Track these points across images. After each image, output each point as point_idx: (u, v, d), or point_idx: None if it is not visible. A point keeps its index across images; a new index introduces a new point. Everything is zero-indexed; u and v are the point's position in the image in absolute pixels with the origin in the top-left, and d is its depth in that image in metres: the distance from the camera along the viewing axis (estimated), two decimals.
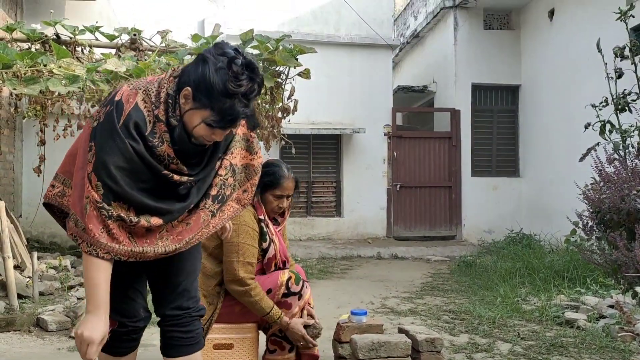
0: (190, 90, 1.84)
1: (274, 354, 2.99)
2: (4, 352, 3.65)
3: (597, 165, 3.40)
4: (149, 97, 1.89)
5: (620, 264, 2.85)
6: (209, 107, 1.83)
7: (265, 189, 2.90)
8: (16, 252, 5.49)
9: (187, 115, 1.87)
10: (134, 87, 1.91)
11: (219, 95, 1.81)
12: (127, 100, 1.87)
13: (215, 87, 1.80)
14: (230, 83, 1.80)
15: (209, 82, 1.80)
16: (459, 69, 10.85)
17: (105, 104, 1.91)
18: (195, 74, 1.84)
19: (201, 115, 1.85)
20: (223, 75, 1.80)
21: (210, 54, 1.85)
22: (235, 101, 1.82)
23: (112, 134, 1.83)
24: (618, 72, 4.87)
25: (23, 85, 4.50)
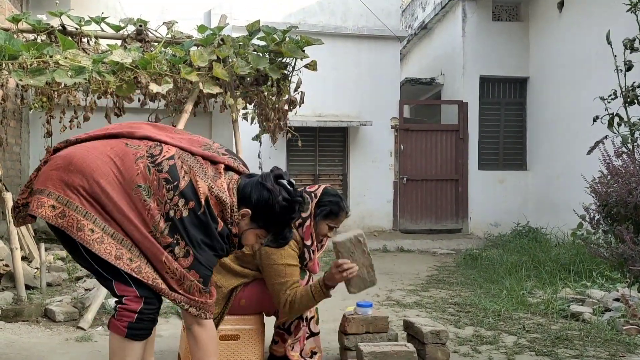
0: (250, 212, 2.18)
1: (278, 345, 3.03)
2: (12, 342, 3.68)
3: (604, 158, 3.37)
4: (226, 215, 2.16)
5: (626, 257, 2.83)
6: (264, 229, 2.24)
7: (325, 217, 2.91)
8: (24, 244, 5.53)
9: (245, 232, 2.24)
10: (217, 199, 2.14)
11: (277, 222, 2.23)
12: (215, 208, 2.13)
13: (276, 217, 2.20)
14: (288, 215, 2.22)
15: (271, 210, 2.18)
16: (467, 61, 10.79)
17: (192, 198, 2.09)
18: (259, 200, 2.18)
19: (257, 234, 2.26)
20: (283, 208, 2.19)
21: (271, 184, 2.20)
22: (287, 229, 2.27)
23: (213, 238, 2.12)
24: (628, 65, 4.82)
25: (29, 77, 4.51)
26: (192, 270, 2.08)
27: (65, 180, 2.09)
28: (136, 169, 2.09)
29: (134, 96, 5.97)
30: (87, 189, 2.07)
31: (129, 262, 2.06)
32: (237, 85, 5.92)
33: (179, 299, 2.11)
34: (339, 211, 2.92)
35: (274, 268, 2.78)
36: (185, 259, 2.07)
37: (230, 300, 2.89)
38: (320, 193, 2.94)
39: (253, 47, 5.76)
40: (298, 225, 2.89)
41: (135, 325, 2.13)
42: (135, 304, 2.12)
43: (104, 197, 2.07)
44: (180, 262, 2.07)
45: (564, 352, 3.60)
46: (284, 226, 2.25)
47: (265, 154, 9.00)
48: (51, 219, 2.06)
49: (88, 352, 3.51)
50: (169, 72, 5.18)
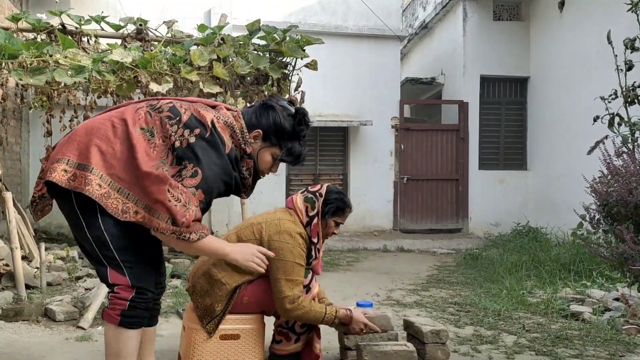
0: (261, 132, 2.36)
1: (279, 344, 3.02)
2: (12, 341, 3.68)
3: (605, 158, 3.37)
4: (236, 135, 2.31)
5: (626, 257, 2.83)
6: (277, 145, 2.39)
7: (332, 215, 3.00)
8: (24, 243, 5.53)
9: (260, 152, 2.40)
10: (225, 123, 2.30)
11: (288, 136, 2.39)
12: (223, 132, 2.27)
13: (286, 131, 2.38)
14: (296, 127, 2.40)
15: (281, 126, 2.37)
16: (467, 60, 10.78)
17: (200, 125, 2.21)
18: (266, 118, 2.37)
19: (272, 152, 2.40)
20: (290, 122, 2.39)
21: (275, 103, 2.41)
22: (297, 142, 2.42)
23: (222, 159, 2.23)
24: (628, 64, 4.82)
25: (29, 76, 4.51)
26: (199, 190, 2.14)
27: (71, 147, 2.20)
28: (137, 116, 2.22)
29: (134, 95, 5.97)
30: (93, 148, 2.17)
31: (134, 214, 2.13)
32: (238, 85, 5.93)
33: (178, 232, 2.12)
34: (344, 207, 3.03)
35: (283, 263, 2.78)
36: (193, 178, 2.13)
37: (234, 298, 2.89)
38: (325, 191, 3.01)
39: (253, 47, 5.76)
40: (305, 224, 2.93)
41: (127, 313, 2.20)
42: (126, 293, 2.19)
43: (109, 149, 2.17)
44: (187, 182, 2.13)
45: (564, 352, 3.60)
46: (296, 139, 2.40)
47: None
48: (64, 182, 2.14)
49: (88, 351, 3.51)
50: (169, 72, 5.18)
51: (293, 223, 2.90)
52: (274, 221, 2.90)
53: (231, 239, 2.94)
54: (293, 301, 2.78)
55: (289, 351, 3.01)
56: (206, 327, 2.81)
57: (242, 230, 2.95)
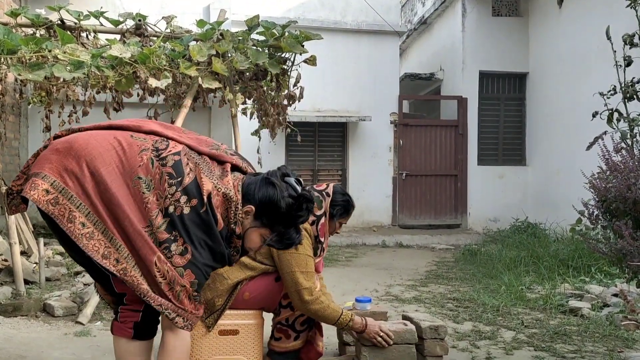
0: (253, 209, 2.08)
1: (279, 341, 3.00)
2: (11, 337, 3.69)
3: (604, 154, 3.37)
4: (230, 210, 2.06)
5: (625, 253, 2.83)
6: (269, 227, 2.11)
7: (340, 216, 3.04)
8: (23, 238, 5.52)
9: (248, 231, 2.12)
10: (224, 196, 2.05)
11: (282, 220, 2.10)
12: (217, 207, 2.03)
13: (281, 214, 2.08)
14: (294, 213, 2.09)
15: (276, 207, 2.06)
16: (466, 56, 10.77)
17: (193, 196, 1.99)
18: (263, 196, 2.08)
19: (261, 233, 2.13)
20: (289, 205, 2.07)
21: (277, 180, 2.10)
22: (292, 228, 2.13)
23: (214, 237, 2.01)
24: (627, 60, 4.81)
25: (28, 71, 4.49)
26: (188, 270, 1.95)
27: (64, 164, 1.98)
28: (139, 160, 1.99)
29: (132, 91, 5.95)
30: (86, 177, 1.96)
31: (115, 262, 1.93)
32: (236, 80, 5.91)
33: (165, 305, 1.94)
34: (350, 208, 3.08)
35: (295, 256, 2.78)
36: (182, 256, 1.94)
37: (234, 293, 2.88)
38: (332, 192, 3.04)
39: (252, 42, 5.74)
40: (312, 222, 2.94)
41: (141, 325, 2.09)
42: (138, 304, 2.05)
43: (102, 187, 1.95)
44: (176, 260, 1.93)
45: (563, 347, 3.61)
46: (290, 225, 2.12)
47: (264, 149, 8.98)
48: (42, 204, 1.92)
49: (87, 346, 3.51)
50: (168, 67, 5.17)
51: None
52: None
53: None
54: (312, 293, 2.77)
55: (288, 348, 3.00)
56: (205, 322, 2.81)
57: None
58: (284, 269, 2.81)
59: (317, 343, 3.06)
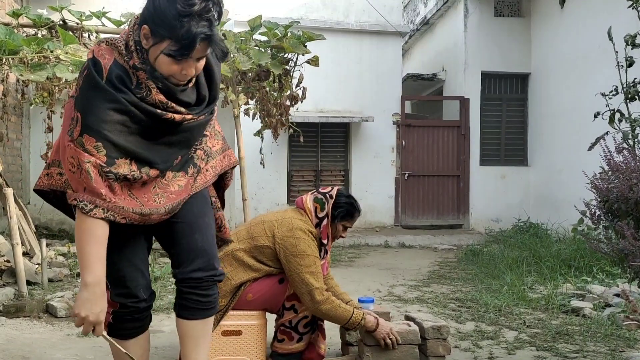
0: (148, 28, 1.78)
1: (282, 343, 3.00)
2: (14, 338, 3.69)
3: (605, 154, 3.37)
4: (121, 50, 1.84)
5: (627, 253, 2.83)
6: (166, 37, 1.76)
7: (342, 219, 3.03)
8: (25, 239, 5.53)
9: (150, 53, 1.81)
10: (106, 43, 1.87)
11: (174, 20, 1.73)
12: (102, 57, 1.84)
13: (167, 14, 1.73)
14: (180, 4, 1.72)
15: (160, 11, 1.75)
16: (468, 56, 10.77)
17: (82, 71, 1.88)
18: (148, 8, 1.79)
19: (162, 49, 1.78)
20: (173, 0, 1.73)
21: None
22: (191, 24, 1.73)
23: (98, 90, 1.79)
24: (629, 61, 4.81)
25: (30, 72, 4.50)
26: (85, 135, 1.78)
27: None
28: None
29: None
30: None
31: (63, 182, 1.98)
32: (239, 81, 5.92)
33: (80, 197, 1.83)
34: (354, 212, 3.06)
35: (304, 258, 2.80)
36: (77, 126, 1.80)
37: (237, 294, 2.89)
38: (335, 194, 3.04)
39: (255, 43, 5.76)
40: (315, 225, 2.97)
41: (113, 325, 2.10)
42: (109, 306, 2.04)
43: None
44: (75, 133, 1.80)
45: (565, 347, 3.61)
46: (184, 20, 1.73)
47: (267, 150, 8.99)
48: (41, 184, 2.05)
49: (89, 347, 3.52)
50: None
51: (304, 222, 2.94)
52: (285, 219, 2.92)
53: (241, 235, 2.97)
54: (323, 292, 2.79)
55: (291, 350, 3.00)
56: None
57: (253, 227, 2.98)
58: (292, 270, 2.81)
59: (319, 345, 3.07)
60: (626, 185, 2.97)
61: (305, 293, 2.79)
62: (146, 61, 1.83)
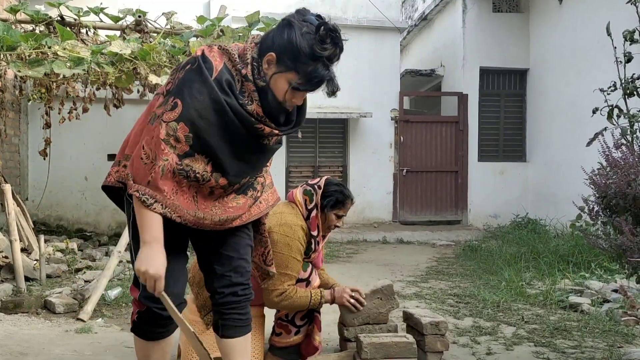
0: (275, 56, 1.92)
1: (279, 336, 3.03)
2: (12, 333, 3.69)
3: (604, 150, 3.37)
4: (234, 58, 1.97)
5: (625, 248, 2.83)
6: (294, 70, 1.92)
7: (332, 208, 3.00)
8: (23, 235, 5.53)
9: (273, 79, 1.95)
10: (219, 47, 1.99)
11: (305, 58, 1.90)
12: (213, 58, 1.95)
13: (302, 51, 1.89)
14: (316, 46, 1.89)
15: (295, 45, 1.89)
16: (467, 52, 10.76)
17: (185, 64, 1.97)
18: (281, 38, 1.92)
19: (287, 78, 1.94)
20: (309, 40, 1.89)
21: (295, 19, 1.94)
22: (319, 64, 1.93)
23: (206, 85, 1.89)
24: (627, 56, 4.80)
25: (27, 68, 4.49)
26: (181, 124, 1.88)
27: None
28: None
29: (133, 87, 5.95)
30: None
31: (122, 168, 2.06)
32: None
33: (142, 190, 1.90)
34: (344, 199, 3.02)
35: (279, 256, 2.81)
36: (172, 111, 1.89)
37: None
38: (324, 184, 3.02)
39: None
40: (306, 217, 2.96)
41: (136, 324, 2.13)
42: (135, 306, 2.12)
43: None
44: (167, 115, 1.89)
45: (563, 343, 3.62)
46: (314, 61, 1.92)
47: None
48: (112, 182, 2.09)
49: (88, 343, 3.52)
50: (168, 63, 5.16)
51: (294, 216, 2.92)
52: (275, 214, 2.92)
53: None
54: (280, 293, 2.83)
55: (289, 343, 3.02)
56: (204, 319, 2.81)
57: None
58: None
59: (314, 337, 3.08)
60: (624, 181, 2.98)
61: (266, 291, 2.84)
62: (263, 79, 1.96)
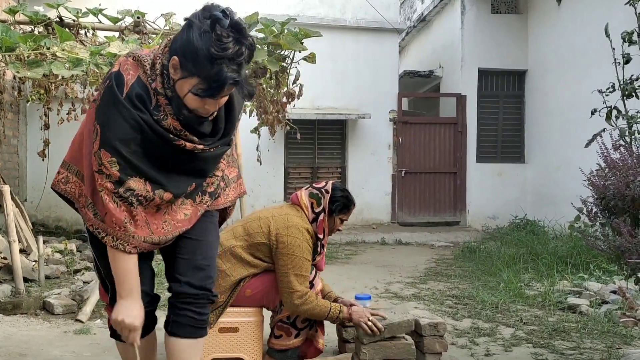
0: (177, 59, 1.77)
1: (279, 339, 3.01)
2: (11, 335, 3.69)
3: (602, 151, 3.37)
4: (146, 70, 1.84)
5: (623, 250, 2.84)
6: (195, 74, 1.75)
7: (339, 212, 3.05)
8: (22, 236, 5.53)
9: (177, 85, 1.80)
10: (133, 58, 1.87)
11: (204, 60, 1.71)
12: (127, 72, 1.84)
13: (200, 53, 1.71)
14: (214, 47, 1.69)
15: (193, 47, 1.72)
16: (465, 53, 10.77)
17: (105, 80, 1.88)
18: (181, 40, 1.76)
19: (189, 84, 1.77)
20: (207, 39, 1.70)
21: (196, 18, 1.76)
22: (222, 67, 1.72)
23: (117, 106, 1.79)
24: (626, 58, 4.81)
25: (26, 69, 4.49)
26: (102, 150, 1.79)
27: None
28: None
29: None
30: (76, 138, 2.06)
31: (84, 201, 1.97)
32: None
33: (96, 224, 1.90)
34: (350, 205, 3.09)
35: (292, 258, 2.81)
36: (96, 140, 1.81)
37: (236, 290, 2.89)
38: (331, 189, 3.05)
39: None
40: (312, 220, 2.98)
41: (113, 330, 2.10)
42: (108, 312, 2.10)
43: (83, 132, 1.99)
44: (95, 146, 1.82)
45: (561, 344, 3.62)
46: (214, 63, 1.71)
47: (263, 147, 8.99)
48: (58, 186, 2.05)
49: (87, 344, 3.52)
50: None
51: (300, 219, 2.94)
52: (281, 216, 2.92)
53: (237, 231, 2.97)
54: (302, 296, 2.81)
55: (288, 346, 3.01)
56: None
57: (249, 223, 2.98)
58: (279, 268, 2.84)
59: (318, 340, 3.07)
60: (623, 182, 2.98)
61: (286, 293, 2.83)
62: (172, 89, 1.83)
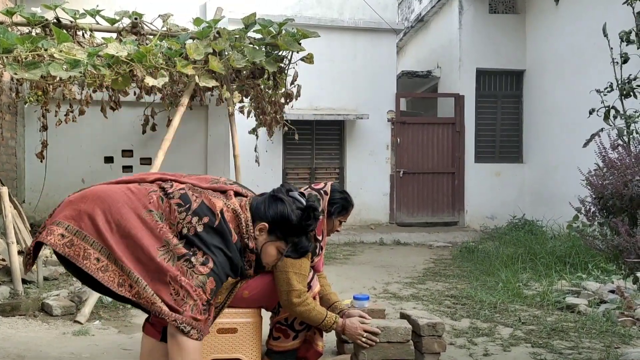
0: (267, 226, 2.25)
1: (277, 340, 3.00)
2: (9, 336, 3.68)
3: (600, 151, 3.38)
4: (242, 228, 2.23)
5: (621, 249, 2.84)
6: (283, 240, 2.29)
7: (338, 214, 3.06)
8: (20, 238, 5.52)
9: (264, 246, 2.29)
10: (233, 212, 2.24)
11: (295, 231, 2.28)
12: (231, 221, 2.22)
13: (293, 225, 2.27)
14: (304, 222, 2.28)
15: (287, 220, 2.25)
16: (463, 53, 10.78)
17: (199, 216, 2.16)
18: (274, 212, 2.26)
19: (277, 247, 2.30)
20: (298, 216, 2.27)
21: (283, 195, 2.31)
22: (305, 238, 2.33)
23: (230, 250, 2.18)
24: (624, 57, 4.82)
25: (24, 70, 4.48)
26: (210, 278, 2.10)
27: (77, 208, 2.19)
28: (149, 199, 2.21)
29: (129, 90, 5.95)
30: (98, 215, 2.15)
31: (129, 288, 2.11)
32: (233, 79, 5.91)
33: (179, 319, 2.07)
34: (348, 206, 3.09)
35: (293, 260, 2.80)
36: (204, 266, 2.10)
37: (234, 291, 2.89)
38: (330, 190, 3.06)
39: (249, 40, 5.74)
40: None
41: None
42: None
43: (114, 220, 2.14)
44: (198, 269, 2.09)
45: (560, 344, 3.62)
46: (302, 234, 2.31)
47: (261, 148, 8.98)
48: (59, 247, 2.13)
49: (85, 346, 3.51)
50: (165, 66, 5.16)
51: None
52: None
53: None
54: (300, 295, 2.80)
55: (287, 348, 3.00)
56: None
57: None
58: (279, 268, 2.82)
59: (317, 343, 3.07)
60: (621, 182, 2.98)
61: (284, 292, 2.82)
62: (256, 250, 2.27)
